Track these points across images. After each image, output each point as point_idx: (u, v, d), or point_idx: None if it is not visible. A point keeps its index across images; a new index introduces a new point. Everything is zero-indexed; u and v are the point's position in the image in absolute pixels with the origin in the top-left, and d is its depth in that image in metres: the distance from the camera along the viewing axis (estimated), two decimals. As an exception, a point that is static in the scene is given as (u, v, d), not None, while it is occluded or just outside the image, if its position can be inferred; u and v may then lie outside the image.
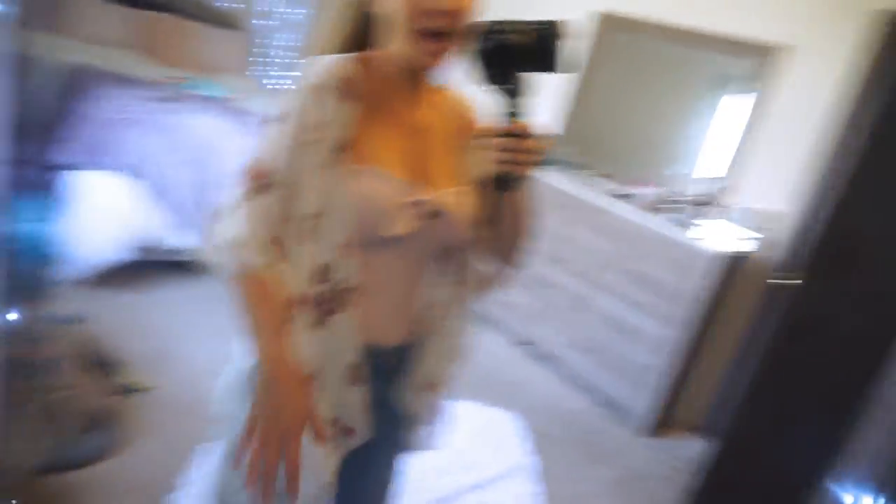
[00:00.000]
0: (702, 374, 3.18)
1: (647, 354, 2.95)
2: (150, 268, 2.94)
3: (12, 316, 1.58)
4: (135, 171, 2.63)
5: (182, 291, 2.93)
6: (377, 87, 0.95)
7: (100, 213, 2.56)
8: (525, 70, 0.84)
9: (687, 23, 3.31)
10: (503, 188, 0.90)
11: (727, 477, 1.79)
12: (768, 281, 2.90)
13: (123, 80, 3.03)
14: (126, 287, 2.78)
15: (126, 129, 2.65)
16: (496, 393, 2.96)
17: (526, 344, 3.49)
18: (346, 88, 0.91)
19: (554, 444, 2.72)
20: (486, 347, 3.38)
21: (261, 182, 0.91)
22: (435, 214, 0.96)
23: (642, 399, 2.97)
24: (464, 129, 1.05)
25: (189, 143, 2.82)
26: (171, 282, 2.98)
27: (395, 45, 0.91)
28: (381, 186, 0.92)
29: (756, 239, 2.85)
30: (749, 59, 3.11)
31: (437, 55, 0.90)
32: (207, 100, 3.35)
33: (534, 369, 3.33)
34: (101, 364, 2.21)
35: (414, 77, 0.97)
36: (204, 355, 2.51)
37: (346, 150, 0.91)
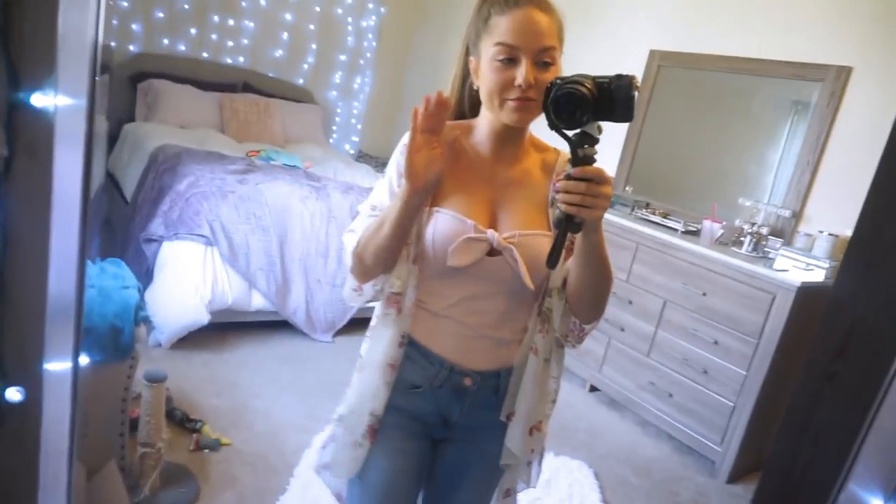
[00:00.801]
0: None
1: (725, 396, 2.81)
2: (225, 329, 3.15)
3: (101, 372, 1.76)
4: (208, 240, 2.86)
5: (256, 350, 3.10)
6: (466, 146, 1.15)
7: (179, 281, 2.79)
8: (597, 118, 0.91)
9: (741, 52, 3.26)
10: (573, 229, 0.95)
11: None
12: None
13: (203, 157, 3.33)
14: (205, 348, 2.99)
15: (202, 202, 2.90)
16: (569, 441, 2.90)
17: (598, 390, 3.41)
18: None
19: (631, 492, 2.62)
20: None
21: (370, 213, 1.17)
22: (493, 250, 1.08)
23: (723, 443, 2.81)
24: (547, 182, 1.16)
25: (261, 209, 3.04)
26: (246, 342, 3.15)
27: (490, 112, 1.10)
28: (448, 224, 1.09)
29: (827, 268, 2.70)
30: (809, 84, 3.01)
31: (521, 118, 1.06)
32: (284, 169, 3.61)
33: (607, 416, 3.24)
34: (183, 421, 2.38)
35: (505, 136, 1.13)
36: (278, 411, 2.64)
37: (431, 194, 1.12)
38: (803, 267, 2.70)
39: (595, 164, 0.92)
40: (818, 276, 2.69)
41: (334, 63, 5.09)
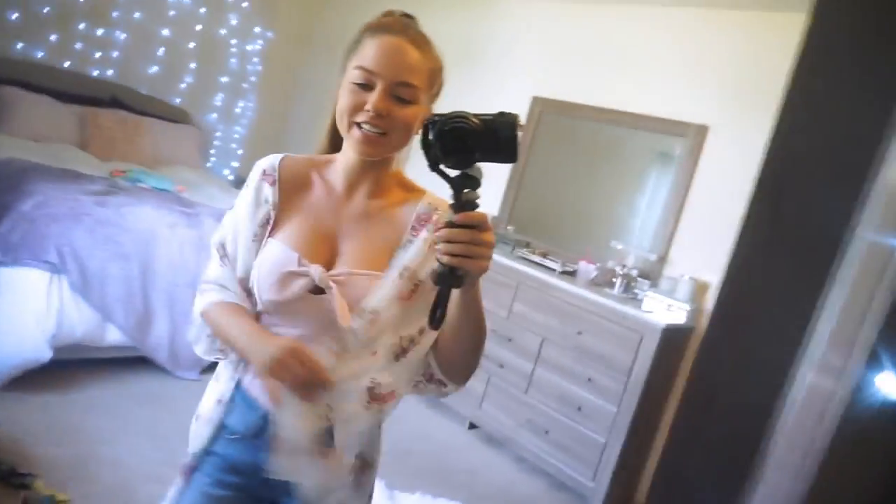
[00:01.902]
0: (654, 449, 3.14)
1: (598, 432, 2.90)
2: (72, 367, 2.81)
3: None
4: (55, 268, 2.55)
5: (108, 391, 2.78)
6: (318, 178, 1.09)
7: (15, 311, 2.46)
8: (484, 160, 0.83)
9: (615, 104, 3.48)
10: (455, 284, 0.85)
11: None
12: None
13: (56, 175, 3.00)
14: (45, 389, 2.63)
15: (50, 224, 2.59)
16: (448, 481, 2.85)
17: (476, 427, 3.40)
18: (278, 178, 1.08)
19: (506, 533, 2.60)
20: (434, 433, 3.29)
21: (219, 250, 1.11)
22: (316, 288, 1.00)
23: (595, 479, 2.89)
24: (404, 223, 1.07)
25: (123, 236, 2.78)
26: (96, 381, 2.82)
27: (343, 136, 1.03)
28: (274, 255, 1.03)
29: (690, 309, 2.90)
30: (675, 138, 3.26)
31: (366, 150, 1.00)
32: (152, 192, 3.34)
33: (485, 454, 3.23)
34: (9, 475, 2.06)
35: (361, 169, 1.06)
36: (130, 459, 2.36)
37: (267, 226, 1.07)
38: (667, 308, 2.88)
39: (478, 210, 0.84)
40: (680, 317, 2.87)
41: (215, 85, 4.86)
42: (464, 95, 3.98)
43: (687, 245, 3.16)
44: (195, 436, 1.11)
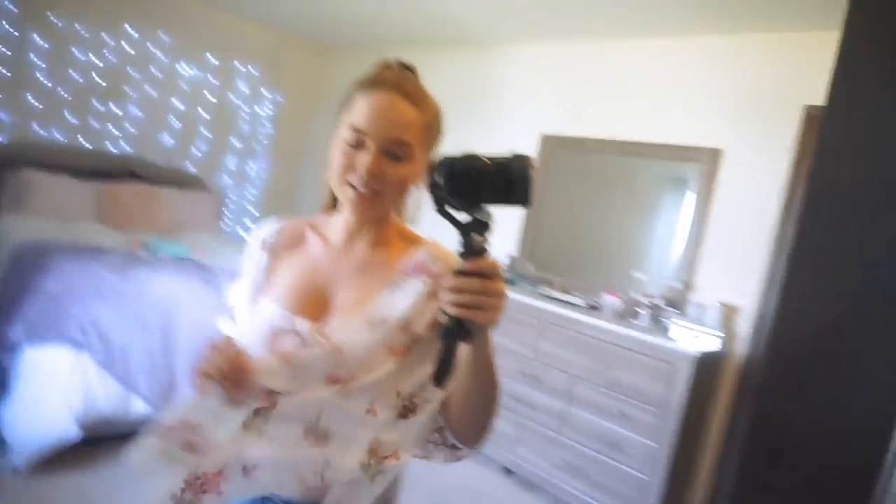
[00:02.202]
0: (695, 481, 3.03)
1: (638, 468, 2.79)
2: (102, 444, 2.79)
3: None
4: (79, 344, 2.56)
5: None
6: (314, 235, 1.08)
7: (42, 391, 2.46)
8: (495, 202, 0.76)
9: (624, 136, 3.48)
10: (463, 338, 0.77)
11: None
12: (744, 380, 2.86)
13: (78, 251, 3.05)
14: (75, 468, 2.61)
15: (73, 301, 2.62)
16: (486, 533, 2.75)
17: (513, 473, 3.30)
18: (269, 242, 1.09)
19: (553, 585, 2.49)
20: (469, 483, 3.19)
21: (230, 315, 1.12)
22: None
23: (641, 520, 2.77)
24: (408, 267, 1.02)
25: (144, 307, 2.79)
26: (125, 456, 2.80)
27: (337, 195, 1.02)
28: (265, 313, 1.02)
29: (721, 336, 2.82)
30: (688, 164, 3.24)
31: (360, 212, 0.99)
32: (172, 260, 3.37)
33: (524, 499, 3.13)
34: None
35: (358, 224, 1.04)
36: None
37: (262, 290, 1.07)
38: (697, 336, 2.80)
39: (487, 256, 0.77)
40: (713, 344, 2.79)
41: (227, 148, 4.97)
42: (472, 138, 4.06)
43: (712, 270, 3.10)
44: None
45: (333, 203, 1.11)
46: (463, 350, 0.82)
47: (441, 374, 0.79)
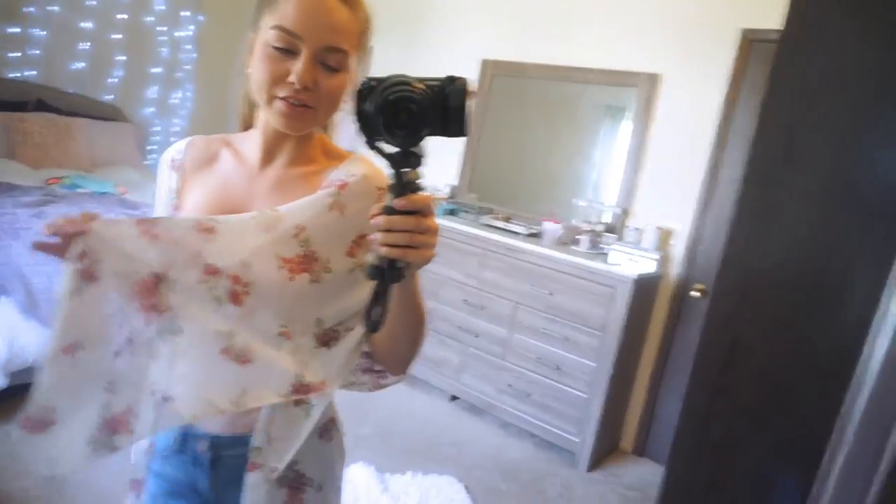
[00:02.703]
0: (634, 397, 3.20)
1: (579, 388, 2.92)
2: (29, 391, 2.67)
3: None
4: (-2, 289, 2.40)
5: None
6: (228, 153, 0.98)
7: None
8: (431, 131, 0.69)
9: (564, 61, 3.43)
10: (395, 278, 0.72)
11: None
12: (690, 294, 2.99)
13: (-13, 190, 2.81)
14: (4, 418, 2.50)
15: (-14, 244, 2.44)
16: (436, 456, 2.84)
17: (458, 398, 3.40)
18: (182, 161, 0.99)
19: (502, 497, 2.61)
20: (415, 410, 3.27)
21: None
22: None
23: (580, 434, 2.92)
24: (328, 185, 0.94)
25: (67, 246, 2.63)
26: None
27: (259, 106, 0.90)
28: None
29: (657, 259, 2.92)
30: (627, 90, 3.24)
31: (290, 125, 0.87)
32: (93, 197, 3.17)
33: (469, 424, 3.23)
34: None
35: (277, 139, 0.94)
36: (107, 479, 2.27)
37: (176, 210, 0.97)
38: (635, 259, 2.89)
39: (421, 192, 0.71)
40: (649, 266, 2.89)
41: (147, 77, 4.61)
42: (407, 60, 3.91)
43: (649, 196, 3.17)
44: (136, 451, 1.03)
45: (251, 118, 1.01)
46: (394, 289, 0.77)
47: (371, 317, 0.75)
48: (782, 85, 1.35)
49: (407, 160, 0.70)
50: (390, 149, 0.70)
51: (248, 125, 1.01)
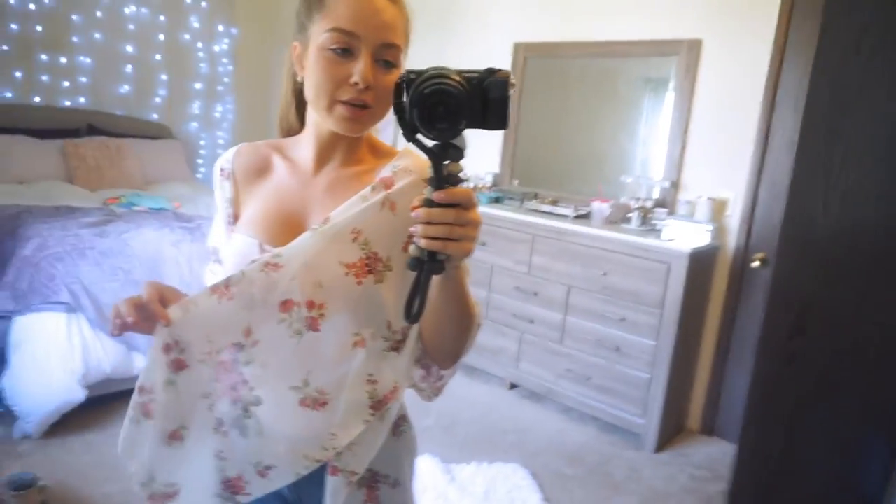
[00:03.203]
0: (698, 375, 3.12)
1: (640, 369, 2.86)
2: (108, 402, 2.79)
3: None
4: (70, 307, 2.51)
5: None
6: (280, 162, 0.99)
7: (39, 357, 2.43)
8: (470, 124, 0.69)
9: (600, 36, 3.36)
10: (436, 270, 0.72)
11: (758, 479, 1.69)
12: (750, 265, 2.90)
13: (50, 214, 2.94)
14: (85, 429, 2.62)
15: (55, 265, 2.54)
16: (499, 445, 2.84)
17: (517, 386, 3.38)
18: (232, 170, 1.01)
19: (569, 483, 2.59)
20: (476, 400, 3.27)
21: (212, 254, 1.06)
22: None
23: (645, 415, 2.86)
24: (378, 184, 0.94)
25: (128, 262, 2.73)
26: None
27: (315, 112, 0.91)
28: (238, 247, 0.95)
29: (711, 230, 2.83)
30: (668, 59, 3.14)
31: (352, 128, 0.89)
32: (150, 213, 3.28)
33: (531, 411, 3.22)
34: (69, 518, 2.06)
35: (331, 144, 0.95)
36: (183, 480, 2.36)
37: (234, 220, 1.00)
38: (689, 232, 2.81)
39: (462, 185, 0.71)
40: (704, 238, 2.80)
41: (190, 93, 4.74)
42: (442, 49, 3.89)
43: (698, 166, 3.08)
44: None
45: (298, 128, 1.02)
46: (436, 281, 0.78)
47: (411, 309, 0.75)
48: (834, 38, 1.29)
49: (446, 153, 0.70)
50: (430, 142, 0.70)
51: (289, 132, 1.03)
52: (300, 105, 0.98)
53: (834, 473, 1.13)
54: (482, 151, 3.87)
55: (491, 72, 0.69)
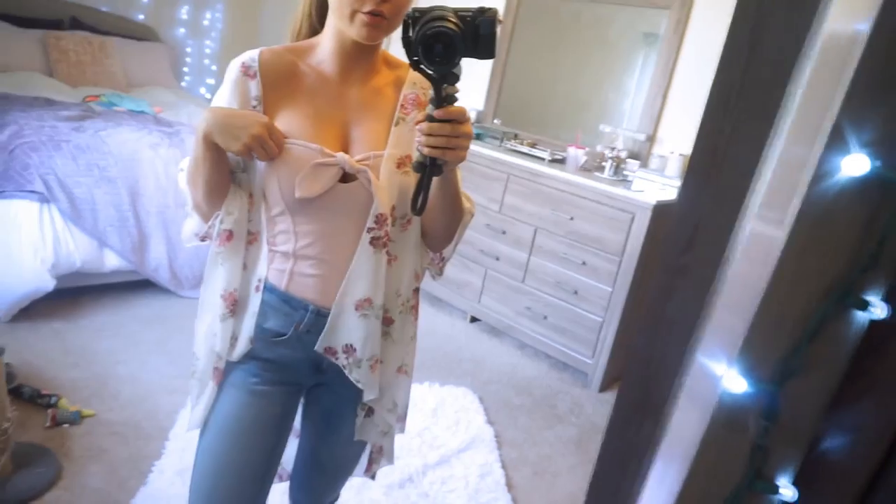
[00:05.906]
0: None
1: (594, 312, 3.00)
2: (77, 294, 2.87)
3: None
4: (43, 197, 2.54)
5: (115, 314, 2.85)
6: (306, 69, 1.06)
7: (11, 243, 2.47)
8: (463, 56, 0.84)
9: (596, -19, 3.33)
10: (436, 172, 0.93)
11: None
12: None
13: (28, 103, 2.93)
14: (54, 317, 2.70)
15: (30, 154, 2.55)
16: (454, 371, 2.98)
17: (478, 320, 3.51)
18: (259, 70, 1.05)
19: (514, 411, 2.75)
20: (437, 328, 3.40)
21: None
22: (346, 175, 1.02)
23: (594, 356, 3.02)
24: (406, 103, 1.09)
25: (105, 160, 2.74)
26: (102, 306, 2.89)
27: (338, 23, 1.00)
28: (293, 153, 1.01)
29: (680, 186, 2.91)
30: (659, 11, 3.14)
31: (371, 35, 0.98)
32: (129, 115, 3.27)
33: (488, 343, 3.36)
34: (34, 398, 2.16)
35: (355, 54, 1.05)
36: (146, 375, 2.47)
37: None
38: (658, 186, 2.89)
39: (457, 104, 0.89)
40: (671, 194, 2.89)
41: (178, -5, 4.61)
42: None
43: (675, 122, 3.13)
44: (210, 336, 1.10)
45: (309, 33, 1.11)
46: (435, 180, 0.96)
47: (417, 203, 0.96)
48: None
49: (445, 78, 0.85)
50: (432, 70, 0.85)
51: (300, 38, 1.11)
52: (322, 11, 1.06)
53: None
54: (468, 87, 3.87)
55: (482, 11, 0.84)
